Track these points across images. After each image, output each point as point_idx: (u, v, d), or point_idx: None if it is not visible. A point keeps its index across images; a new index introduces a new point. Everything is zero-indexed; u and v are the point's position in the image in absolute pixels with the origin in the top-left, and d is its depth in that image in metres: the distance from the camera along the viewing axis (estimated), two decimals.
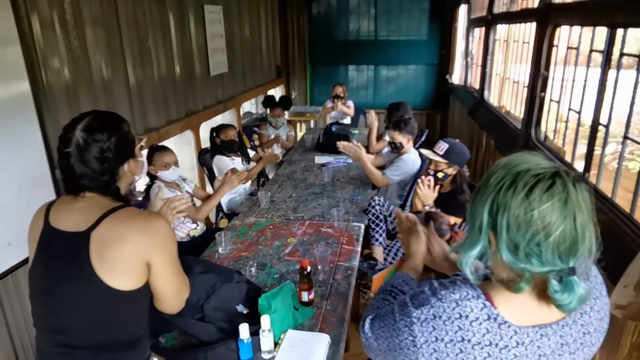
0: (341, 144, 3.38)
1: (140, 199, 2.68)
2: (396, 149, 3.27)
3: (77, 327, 1.21)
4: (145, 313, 1.30)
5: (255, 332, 1.54)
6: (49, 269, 1.20)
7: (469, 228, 0.84)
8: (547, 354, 0.77)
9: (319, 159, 3.99)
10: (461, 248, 0.83)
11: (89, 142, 1.18)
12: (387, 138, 3.78)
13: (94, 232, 1.16)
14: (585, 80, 2.43)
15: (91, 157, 1.19)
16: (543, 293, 0.77)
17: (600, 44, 2.22)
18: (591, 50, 2.38)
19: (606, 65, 2.12)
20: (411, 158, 3.21)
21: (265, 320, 1.53)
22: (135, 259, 1.18)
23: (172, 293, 1.31)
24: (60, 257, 1.19)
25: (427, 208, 2.48)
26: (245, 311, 1.71)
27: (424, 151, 2.69)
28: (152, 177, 2.77)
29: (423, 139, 4.26)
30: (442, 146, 2.58)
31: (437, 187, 2.54)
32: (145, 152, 2.80)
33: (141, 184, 3.03)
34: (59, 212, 1.23)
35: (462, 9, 6.12)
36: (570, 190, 0.73)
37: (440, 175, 2.63)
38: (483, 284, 0.83)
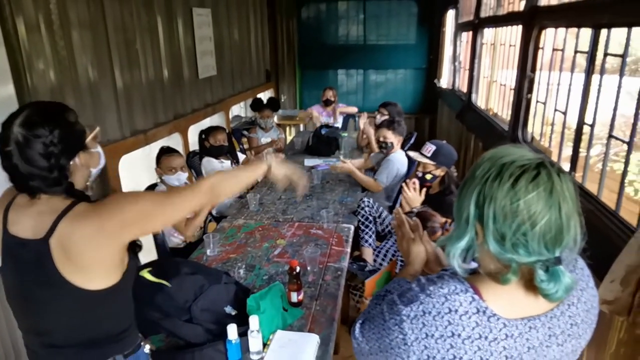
0: (334, 168, 3.47)
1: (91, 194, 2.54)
2: (385, 149, 3.28)
3: (59, 329, 1.18)
4: (127, 305, 1.26)
5: (243, 333, 1.53)
6: (18, 277, 1.16)
7: (456, 221, 0.84)
8: (536, 345, 0.78)
9: (309, 162, 3.98)
10: (449, 241, 0.84)
11: (29, 139, 1.07)
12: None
13: (52, 239, 1.09)
14: (571, 82, 2.46)
15: (34, 154, 1.08)
16: (530, 284, 0.78)
17: (585, 46, 2.25)
18: (576, 51, 2.42)
19: (590, 66, 2.15)
20: (398, 158, 3.22)
21: (253, 321, 1.51)
22: (105, 253, 1.12)
23: (174, 219, 1.26)
24: (26, 265, 1.13)
25: (415, 210, 2.48)
26: (233, 312, 1.69)
27: (411, 153, 2.70)
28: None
29: (412, 141, 4.29)
30: (429, 148, 2.60)
31: (424, 189, 2.55)
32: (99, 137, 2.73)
33: (144, 183, 3.00)
34: (16, 217, 1.16)
35: (450, 14, 6.19)
36: (555, 180, 0.74)
37: (428, 176, 2.64)
38: (471, 277, 0.83)
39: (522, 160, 0.76)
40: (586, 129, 2.22)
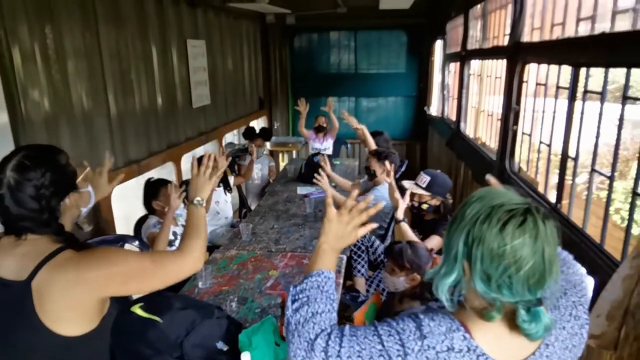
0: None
1: (87, 229, 2.48)
2: (370, 176, 3.33)
3: None
4: (102, 353, 1.24)
5: None
6: None
7: (444, 256, 0.87)
8: None
9: (301, 190, 4.01)
10: (437, 276, 0.87)
11: (21, 182, 1.11)
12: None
13: (34, 282, 1.10)
14: (554, 115, 2.55)
15: (26, 197, 1.12)
16: (512, 323, 0.81)
17: (567, 80, 2.34)
18: (558, 87, 2.51)
19: (572, 101, 2.23)
20: (384, 191, 3.24)
21: (245, 357, 1.51)
22: (81, 304, 1.12)
23: (157, 285, 1.23)
24: (6, 306, 1.13)
25: (405, 225, 2.49)
26: (225, 348, 1.68)
27: (406, 184, 2.73)
28: (150, 210, 2.72)
29: (403, 169, 4.34)
30: (424, 179, 2.63)
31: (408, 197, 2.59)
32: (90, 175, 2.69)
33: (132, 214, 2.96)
34: (1, 257, 1.16)
35: (438, 44, 6.38)
36: (540, 227, 0.78)
37: (424, 206, 2.67)
38: (458, 314, 0.86)
39: (510, 204, 0.80)
40: (571, 160, 2.28)
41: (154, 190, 2.70)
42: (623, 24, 1.89)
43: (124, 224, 3.33)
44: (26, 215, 1.12)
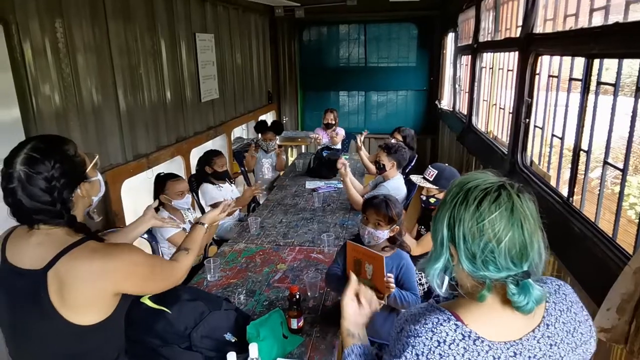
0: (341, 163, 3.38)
1: (97, 220, 2.55)
2: (379, 169, 3.32)
3: (52, 358, 1.19)
4: (116, 339, 1.27)
5: None
6: (10, 306, 1.18)
7: (433, 244, 0.90)
8: None
9: (310, 184, 4.01)
10: (427, 263, 0.90)
11: (31, 176, 1.11)
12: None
13: (51, 271, 1.11)
14: (567, 107, 2.50)
15: (37, 190, 1.11)
16: (507, 304, 0.82)
17: (580, 72, 2.29)
18: (570, 79, 2.46)
19: (585, 93, 2.19)
20: (394, 186, 3.21)
21: (253, 349, 1.51)
22: (100, 295, 1.15)
23: (155, 288, 1.37)
24: (19, 294, 1.15)
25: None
26: (233, 339, 1.69)
27: (414, 178, 2.71)
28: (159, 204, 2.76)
29: (413, 164, 4.31)
30: (432, 172, 2.61)
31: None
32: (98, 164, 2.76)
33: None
34: (14, 246, 1.19)
35: (450, 37, 6.30)
36: (514, 200, 0.81)
37: (432, 200, 2.65)
38: (449, 304, 0.88)
39: (485, 184, 0.83)
40: (584, 153, 2.24)
41: (161, 184, 2.73)
42: (637, 15, 1.84)
43: (133, 217, 3.35)
44: (39, 208, 1.13)
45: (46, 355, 1.19)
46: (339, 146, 5.29)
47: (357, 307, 1.19)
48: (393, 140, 4.19)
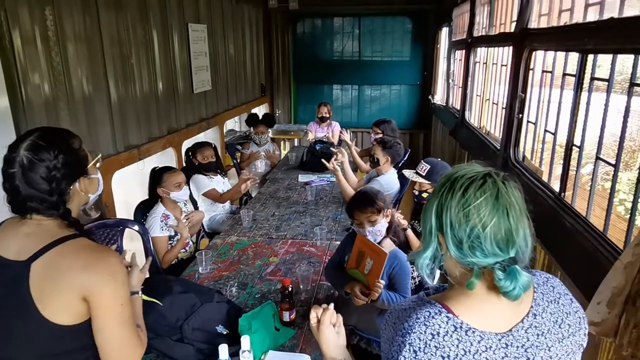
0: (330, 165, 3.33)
1: (95, 216, 2.52)
2: (373, 163, 3.30)
3: (21, 359, 1.15)
4: (93, 345, 1.19)
5: (235, 353, 1.52)
6: None
7: (422, 234, 0.91)
8: (512, 359, 0.82)
9: (303, 178, 4.00)
10: (417, 254, 0.91)
11: (34, 162, 1.11)
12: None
13: (35, 263, 1.09)
14: (560, 103, 2.51)
15: (37, 177, 1.11)
16: (495, 294, 0.83)
17: (574, 68, 2.30)
18: (564, 74, 2.47)
19: (578, 88, 2.19)
20: (387, 180, 3.21)
21: (245, 341, 1.51)
22: (72, 294, 1.10)
23: (114, 346, 1.15)
24: (1, 287, 1.12)
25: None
26: (225, 332, 1.69)
27: (406, 172, 2.71)
28: (155, 197, 2.72)
29: (405, 158, 4.31)
30: (424, 167, 2.61)
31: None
32: (99, 164, 2.72)
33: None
34: (4, 236, 1.16)
35: (444, 31, 6.30)
36: (499, 187, 0.83)
37: (424, 195, 2.65)
38: (439, 297, 0.89)
39: (472, 172, 0.85)
40: (576, 149, 2.25)
41: (158, 177, 2.70)
42: (633, 11, 1.84)
43: (124, 209, 3.33)
44: (35, 195, 1.12)
45: (24, 354, 1.14)
46: (334, 140, 5.27)
47: (335, 332, 1.18)
48: (372, 134, 4.18)
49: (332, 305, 1.22)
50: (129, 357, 1.17)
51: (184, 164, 3.65)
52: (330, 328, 1.18)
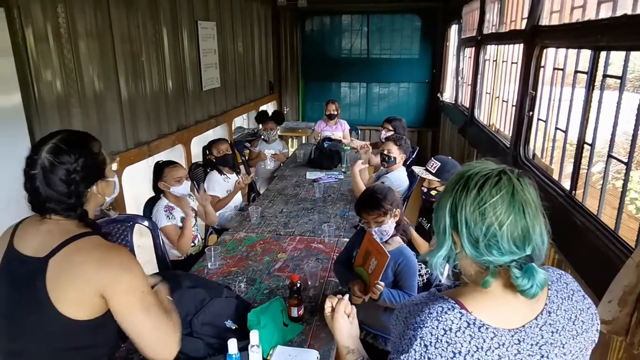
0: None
1: (114, 216, 2.46)
2: (387, 163, 3.27)
3: (34, 353, 1.18)
4: (106, 341, 1.23)
5: (244, 348, 1.53)
6: (7, 294, 1.18)
7: (435, 232, 0.90)
8: (525, 357, 0.81)
9: (311, 175, 4.00)
10: (430, 253, 0.90)
11: (54, 164, 1.15)
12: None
13: (52, 259, 1.12)
14: (571, 101, 2.49)
15: (57, 179, 1.15)
16: (511, 291, 0.82)
17: (586, 65, 2.28)
18: (576, 72, 2.44)
19: (590, 86, 2.17)
20: (396, 177, 3.20)
21: (254, 336, 1.52)
22: (87, 290, 1.13)
23: (146, 335, 1.17)
24: (18, 282, 1.15)
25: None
26: (234, 327, 1.70)
27: (416, 169, 2.70)
28: (158, 191, 2.74)
29: (414, 156, 4.30)
30: (434, 164, 2.60)
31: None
32: (115, 167, 2.74)
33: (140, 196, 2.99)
34: (24, 233, 1.20)
35: (453, 29, 6.26)
36: (515, 184, 0.81)
37: (433, 192, 2.64)
38: (452, 293, 0.88)
39: (486, 170, 0.84)
40: (587, 147, 2.23)
41: (160, 171, 2.72)
42: None
43: (134, 205, 3.37)
44: (54, 197, 1.16)
45: (36, 348, 1.17)
46: (340, 136, 5.26)
47: (349, 322, 1.20)
48: (384, 132, 4.16)
49: (347, 296, 1.24)
50: (165, 342, 1.20)
51: (202, 161, 3.68)
52: (345, 317, 1.20)
